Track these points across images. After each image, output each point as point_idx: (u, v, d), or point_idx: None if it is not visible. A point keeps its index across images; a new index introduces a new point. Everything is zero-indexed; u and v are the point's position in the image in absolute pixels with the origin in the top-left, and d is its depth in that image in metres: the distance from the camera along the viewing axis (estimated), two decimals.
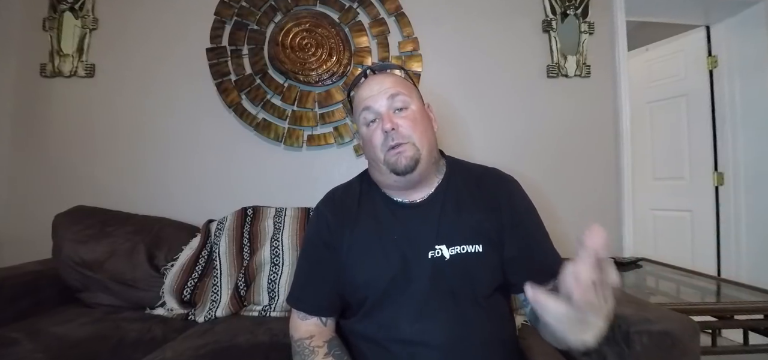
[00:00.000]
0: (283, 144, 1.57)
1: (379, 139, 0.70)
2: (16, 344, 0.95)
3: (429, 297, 0.66)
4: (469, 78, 1.64)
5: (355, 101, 0.76)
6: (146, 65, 1.59)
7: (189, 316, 1.21)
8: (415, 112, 0.72)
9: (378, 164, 0.72)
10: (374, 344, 0.68)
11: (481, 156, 1.58)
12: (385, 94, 0.71)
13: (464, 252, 0.68)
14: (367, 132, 0.73)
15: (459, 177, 0.78)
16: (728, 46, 2.03)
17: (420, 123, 0.72)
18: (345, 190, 0.82)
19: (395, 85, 0.73)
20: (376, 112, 0.71)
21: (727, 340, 1.81)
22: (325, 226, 0.75)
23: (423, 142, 0.71)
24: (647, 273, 1.42)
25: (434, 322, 0.65)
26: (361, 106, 0.73)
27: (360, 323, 0.71)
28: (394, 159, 0.69)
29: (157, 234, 1.34)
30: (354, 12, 1.61)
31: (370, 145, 0.73)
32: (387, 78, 0.75)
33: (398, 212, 0.74)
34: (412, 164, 0.69)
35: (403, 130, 0.69)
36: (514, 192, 0.77)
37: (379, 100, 0.71)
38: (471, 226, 0.70)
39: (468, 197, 0.74)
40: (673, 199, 2.29)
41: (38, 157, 1.56)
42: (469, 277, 0.68)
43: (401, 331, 0.65)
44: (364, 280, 0.70)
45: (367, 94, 0.73)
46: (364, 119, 0.73)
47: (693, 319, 0.75)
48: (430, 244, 0.69)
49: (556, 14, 1.66)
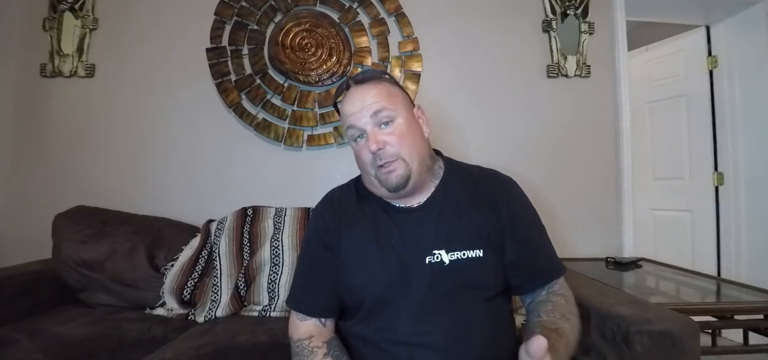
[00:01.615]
0: (283, 144, 1.57)
1: (368, 157, 0.70)
2: (16, 344, 0.96)
3: (428, 300, 0.66)
4: (469, 78, 1.64)
5: (341, 114, 0.75)
6: (146, 65, 1.59)
7: (189, 316, 1.21)
8: (401, 126, 0.70)
9: (370, 178, 0.72)
10: (373, 346, 0.68)
11: (481, 156, 1.58)
12: (368, 111, 0.69)
13: (465, 257, 0.67)
14: (356, 147, 0.73)
15: (457, 179, 0.77)
16: (728, 46, 2.03)
17: (408, 136, 0.70)
18: (343, 191, 0.81)
19: (378, 99, 0.70)
20: (360, 129, 0.70)
21: (727, 340, 1.81)
22: (323, 227, 0.75)
23: (412, 156, 0.70)
24: (647, 273, 1.42)
25: (433, 325, 0.65)
26: (346, 122, 0.72)
27: (358, 325, 0.70)
28: (384, 177, 0.69)
29: (157, 234, 1.34)
30: (354, 12, 1.61)
31: (360, 160, 0.73)
32: (369, 90, 0.71)
33: (396, 216, 0.73)
34: (403, 182, 0.69)
35: (390, 149, 0.68)
36: (513, 193, 0.77)
37: (363, 117, 0.69)
38: (471, 230, 0.70)
39: (467, 200, 0.73)
40: (673, 199, 2.29)
41: (38, 157, 1.56)
42: (470, 282, 0.67)
43: (400, 333, 0.65)
44: (361, 283, 0.70)
45: (350, 111, 0.71)
46: (350, 135, 0.73)
47: (693, 319, 0.75)
48: (429, 248, 0.68)
49: (556, 14, 1.66)
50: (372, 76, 0.76)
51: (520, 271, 0.71)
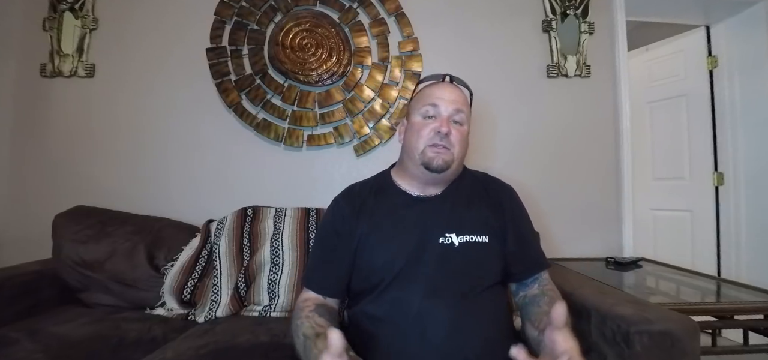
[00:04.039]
0: (283, 144, 1.57)
1: (428, 133, 0.80)
2: (16, 344, 0.95)
3: (437, 277, 0.74)
4: (469, 78, 1.59)
5: (424, 92, 0.86)
6: (146, 65, 1.59)
7: (189, 316, 1.21)
8: (465, 132, 0.84)
9: (414, 154, 0.81)
10: (386, 323, 0.73)
11: (481, 156, 1.58)
12: (454, 105, 0.82)
13: (472, 241, 0.78)
14: (419, 122, 0.82)
15: (469, 179, 0.90)
16: (728, 46, 2.03)
17: (464, 142, 0.84)
18: (363, 185, 0.91)
19: (464, 104, 0.85)
20: (439, 112, 0.81)
21: (727, 340, 1.81)
22: (339, 216, 0.84)
23: (460, 157, 0.82)
24: (647, 273, 1.42)
25: (441, 300, 0.71)
26: (430, 100, 0.82)
27: (373, 304, 0.76)
28: (432, 155, 0.79)
29: (157, 234, 1.34)
30: (354, 12, 1.61)
31: (416, 135, 0.81)
32: (460, 92, 0.86)
33: (414, 204, 0.83)
34: (446, 167, 0.79)
35: (452, 139, 0.80)
36: (513, 197, 0.90)
37: (449, 106, 0.81)
38: (479, 219, 0.81)
39: (476, 196, 0.85)
40: (673, 199, 2.29)
41: (38, 157, 1.56)
42: (476, 263, 0.77)
43: (412, 307, 0.71)
44: (382, 263, 0.77)
45: (440, 95, 0.82)
46: (424, 111, 0.82)
47: (693, 319, 0.75)
48: (442, 231, 0.78)
49: (556, 14, 1.66)
50: (465, 84, 0.92)
51: (519, 260, 0.82)
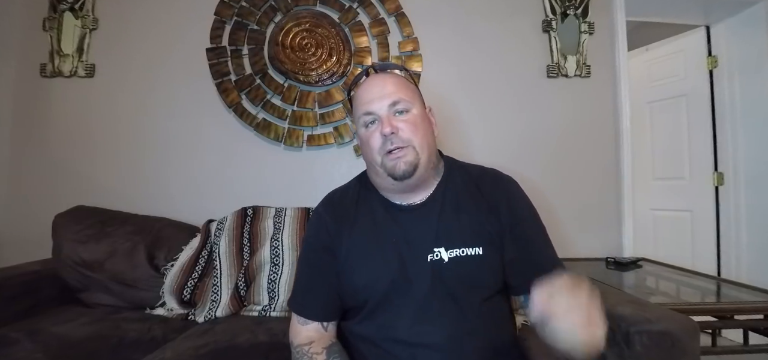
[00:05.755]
0: (283, 144, 1.57)
1: (377, 142, 0.69)
2: (16, 344, 0.95)
3: (429, 299, 0.66)
4: (469, 78, 1.64)
5: (355, 101, 0.75)
6: (146, 65, 1.59)
7: (189, 316, 1.21)
8: (416, 117, 0.71)
9: (375, 167, 0.71)
10: (374, 345, 0.68)
11: (481, 156, 1.58)
12: (387, 99, 0.70)
13: (464, 255, 0.67)
14: (365, 133, 0.72)
15: (458, 178, 0.77)
16: (728, 46, 2.03)
17: (421, 127, 0.71)
18: (343, 192, 0.81)
19: (397, 90, 0.71)
20: (376, 115, 0.70)
21: (727, 340, 1.81)
22: (324, 229, 0.75)
23: (423, 147, 0.70)
24: (647, 273, 1.42)
25: (434, 325, 0.65)
26: (362, 108, 0.72)
27: (360, 325, 0.70)
28: (392, 163, 0.68)
29: (157, 234, 1.34)
30: (354, 12, 1.61)
31: (367, 147, 0.72)
32: (389, 80, 0.73)
33: (396, 215, 0.73)
34: (411, 169, 0.68)
35: (403, 134, 0.68)
36: (513, 193, 0.76)
37: (380, 103, 0.70)
38: (471, 228, 0.70)
39: (467, 198, 0.73)
40: (673, 199, 2.28)
41: (38, 157, 1.56)
42: (469, 279, 0.67)
43: (401, 333, 0.65)
44: (363, 284, 0.69)
45: (368, 97, 0.71)
46: (364, 121, 0.72)
47: (693, 319, 0.75)
48: (429, 246, 0.68)
49: (556, 14, 1.66)
50: (392, 67, 0.79)
51: (519, 270, 0.69)
